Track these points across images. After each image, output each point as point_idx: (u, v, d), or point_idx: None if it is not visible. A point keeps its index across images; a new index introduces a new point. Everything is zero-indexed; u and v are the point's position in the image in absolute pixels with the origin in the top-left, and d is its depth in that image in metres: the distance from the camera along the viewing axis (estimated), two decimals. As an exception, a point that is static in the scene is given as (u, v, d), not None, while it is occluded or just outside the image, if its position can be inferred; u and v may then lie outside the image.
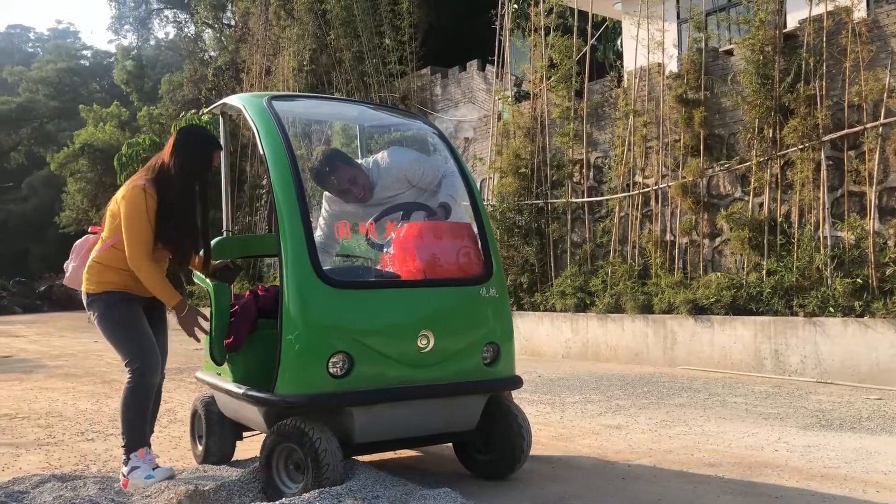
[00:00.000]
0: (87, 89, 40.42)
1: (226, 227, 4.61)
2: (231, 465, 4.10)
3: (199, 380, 4.23)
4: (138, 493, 3.34)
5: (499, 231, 11.07)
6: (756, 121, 8.61)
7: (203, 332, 3.80)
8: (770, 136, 8.52)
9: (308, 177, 4.04)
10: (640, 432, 5.08)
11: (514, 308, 10.57)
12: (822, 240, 7.96)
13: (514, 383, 3.83)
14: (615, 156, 10.42)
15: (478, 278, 3.73)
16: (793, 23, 8.88)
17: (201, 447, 4.24)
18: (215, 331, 3.89)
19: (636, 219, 9.99)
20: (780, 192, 8.53)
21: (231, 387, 3.73)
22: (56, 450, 4.81)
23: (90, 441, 5.08)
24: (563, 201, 10.95)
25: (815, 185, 8.15)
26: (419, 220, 3.89)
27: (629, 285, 9.45)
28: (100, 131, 26.34)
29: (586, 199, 10.77)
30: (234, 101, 4.15)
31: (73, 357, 11.42)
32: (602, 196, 10.62)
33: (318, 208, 4.22)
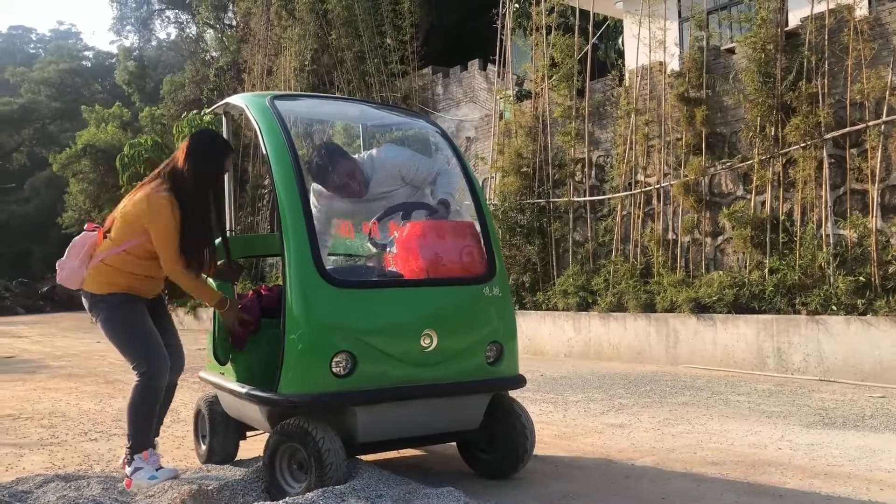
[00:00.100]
0: (88, 90, 40.51)
1: (228, 227, 4.61)
2: (234, 464, 4.11)
3: (203, 379, 4.23)
4: (142, 493, 3.35)
5: (501, 230, 11.07)
6: (758, 119, 8.60)
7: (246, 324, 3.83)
8: (772, 134, 8.51)
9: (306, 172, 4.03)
10: (643, 431, 5.08)
11: (517, 307, 10.57)
12: (824, 238, 7.96)
13: (518, 382, 3.83)
14: (617, 154, 10.42)
15: (481, 277, 3.73)
16: (794, 21, 8.88)
17: (205, 447, 4.24)
18: (218, 331, 3.89)
19: (638, 217, 9.98)
20: (782, 190, 8.52)
21: (234, 386, 3.74)
22: (59, 450, 4.82)
23: (93, 441, 5.09)
24: (565, 200, 10.94)
25: (817, 184, 8.14)
26: (421, 219, 3.89)
27: (631, 284, 9.45)
28: (102, 132, 26.37)
29: (588, 198, 10.77)
30: (236, 100, 4.16)
31: (75, 357, 11.44)
32: (604, 195, 10.61)
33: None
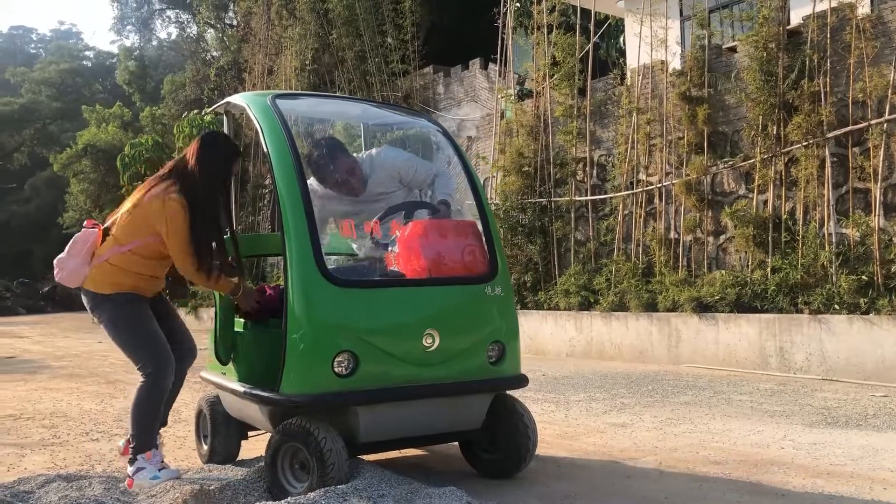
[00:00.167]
0: (89, 90, 40.55)
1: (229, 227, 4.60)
2: (236, 464, 4.11)
3: (204, 379, 4.22)
4: (143, 493, 3.34)
5: (502, 230, 11.06)
6: (760, 118, 8.59)
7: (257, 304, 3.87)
8: (774, 133, 8.50)
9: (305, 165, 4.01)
10: (645, 430, 5.07)
11: (518, 307, 10.56)
12: (826, 237, 7.94)
13: (520, 382, 3.82)
14: (619, 154, 10.41)
15: (483, 277, 3.72)
16: (796, 19, 8.86)
17: (206, 447, 4.23)
18: (219, 330, 3.88)
19: (640, 217, 9.97)
20: (784, 189, 8.50)
21: (236, 386, 3.73)
22: (61, 450, 4.81)
23: (95, 441, 5.08)
24: (567, 199, 10.93)
25: (819, 182, 8.13)
26: (423, 218, 3.88)
27: (633, 283, 9.44)
28: (102, 132, 26.40)
29: (590, 198, 10.75)
30: (237, 99, 4.15)
31: (77, 357, 11.43)
32: (606, 194, 10.60)
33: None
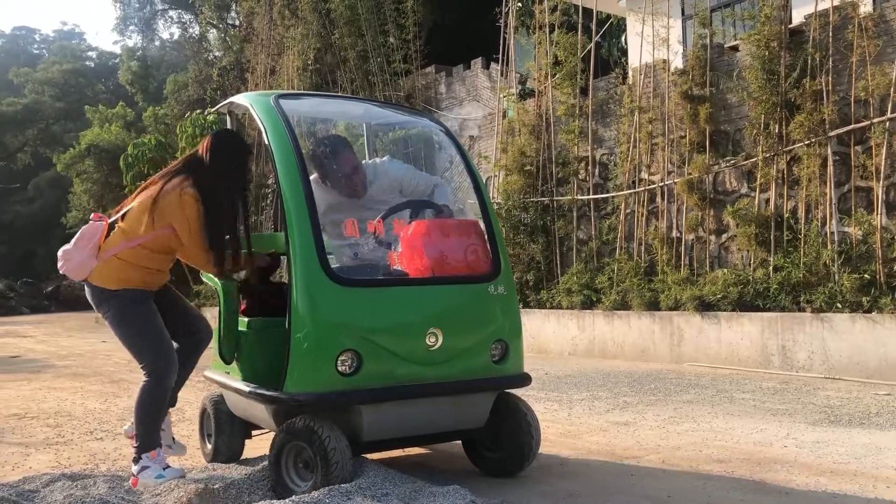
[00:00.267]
0: (92, 90, 40.64)
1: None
2: (240, 463, 4.12)
3: (208, 378, 4.23)
4: (148, 492, 3.35)
5: (505, 229, 11.07)
6: (762, 116, 8.58)
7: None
8: (776, 131, 8.50)
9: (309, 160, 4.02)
10: (648, 429, 5.07)
11: (521, 306, 10.55)
12: (829, 235, 7.94)
13: (523, 381, 3.83)
14: (620, 153, 10.41)
15: (486, 276, 3.72)
16: (798, 18, 8.86)
17: (210, 446, 4.25)
18: (223, 330, 3.89)
19: (642, 215, 9.97)
20: (786, 187, 8.50)
21: (240, 385, 3.74)
22: (65, 449, 4.83)
23: (99, 440, 5.10)
24: (569, 199, 10.93)
25: (821, 181, 8.13)
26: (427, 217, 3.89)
27: (635, 282, 9.44)
28: (105, 132, 26.44)
29: (592, 197, 10.76)
30: (240, 99, 4.15)
31: (80, 357, 11.46)
32: (608, 193, 10.60)
33: None
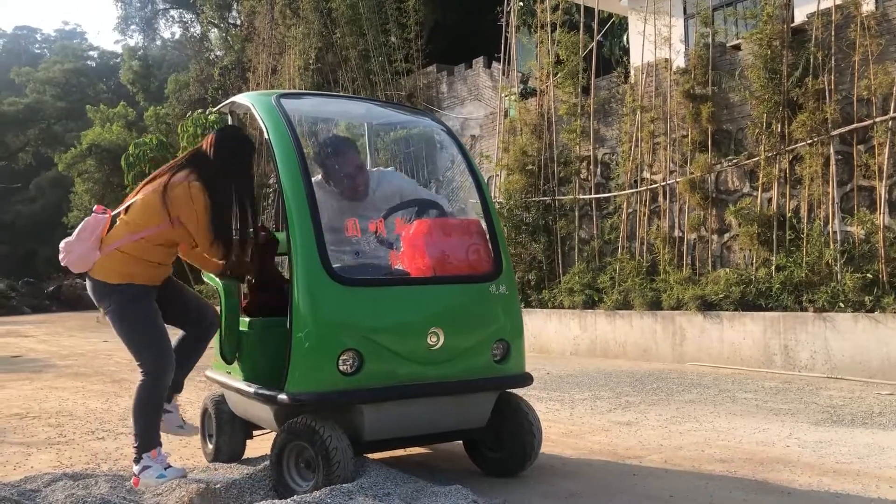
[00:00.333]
0: (93, 90, 40.67)
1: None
2: (241, 463, 4.11)
3: (210, 378, 4.23)
4: (150, 492, 3.34)
5: (506, 228, 11.06)
6: (764, 116, 8.57)
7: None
8: (778, 130, 8.48)
9: (312, 157, 3.99)
10: (650, 429, 5.06)
11: (522, 305, 10.54)
12: (831, 235, 7.92)
13: (525, 380, 3.82)
14: (622, 152, 10.39)
15: (487, 275, 3.72)
16: (801, 17, 8.84)
17: (212, 446, 4.24)
18: (224, 329, 3.89)
19: (644, 215, 9.96)
20: (788, 187, 8.49)
21: (241, 385, 3.73)
22: (67, 449, 4.82)
23: (101, 440, 5.09)
24: (571, 198, 10.92)
25: (824, 180, 8.11)
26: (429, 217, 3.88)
27: (637, 282, 9.43)
28: (107, 131, 26.47)
29: (594, 196, 10.75)
30: (242, 99, 4.15)
31: (82, 357, 11.46)
32: (610, 192, 10.59)
33: None
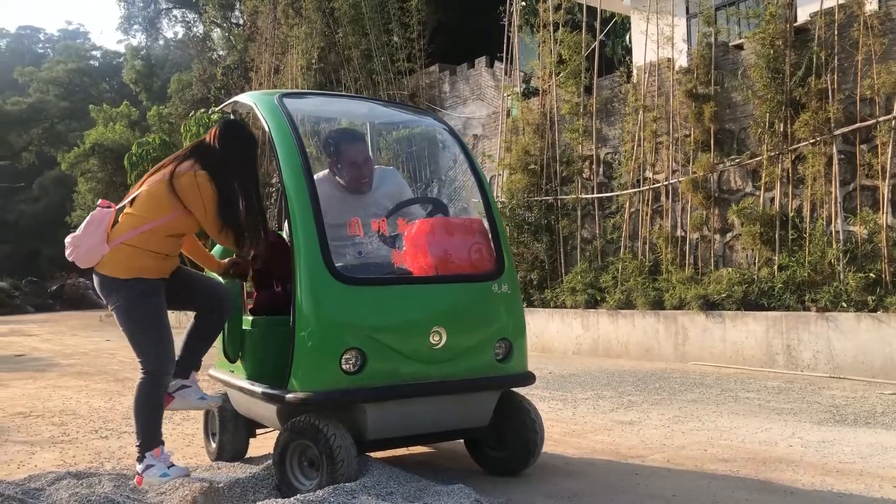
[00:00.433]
0: (96, 89, 40.73)
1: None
2: (245, 462, 4.13)
3: (212, 377, 4.24)
4: (153, 491, 3.35)
5: (509, 228, 11.06)
6: (767, 115, 8.56)
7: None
8: (781, 130, 8.47)
9: (319, 145, 3.99)
10: (652, 428, 5.07)
11: (525, 305, 10.56)
12: (834, 234, 7.92)
13: (527, 379, 3.82)
14: (625, 151, 10.39)
15: (489, 274, 3.72)
16: (803, 16, 8.83)
17: (215, 444, 4.25)
18: (227, 328, 3.90)
19: (646, 214, 9.96)
20: (791, 186, 8.48)
21: (244, 384, 3.74)
22: (70, 447, 4.84)
23: (104, 439, 5.10)
24: (573, 197, 10.92)
25: (826, 180, 8.10)
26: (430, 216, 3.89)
27: (640, 281, 9.43)
28: (110, 131, 26.49)
29: (596, 195, 10.74)
30: (245, 98, 4.15)
31: (85, 355, 11.48)
32: (612, 192, 10.59)
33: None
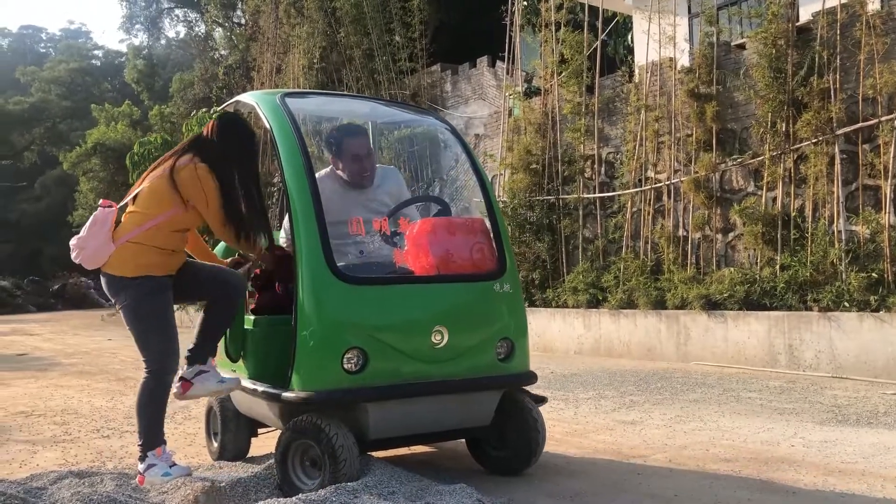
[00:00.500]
0: (98, 89, 40.75)
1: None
2: (246, 461, 4.12)
3: (214, 376, 4.23)
4: (155, 490, 3.35)
5: (510, 227, 11.05)
6: (769, 115, 8.55)
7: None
8: (783, 130, 8.47)
9: (321, 144, 3.99)
10: (654, 428, 5.06)
11: (527, 304, 10.55)
12: (836, 234, 7.91)
13: (529, 379, 3.82)
14: (627, 151, 10.38)
15: (491, 274, 3.72)
16: (806, 16, 8.82)
17: (216, 444, 4.25)
18: (229, 328, 3.89)
19: (648, 214, 9.95)
20: (793, 186, 8.47)
21: (246, 383, 3.74)
22: (72, 447, 4.84)
23: (106, 438, 5.11)
24: (575, 197, 10.92)
25: (829, 179, 8.09)
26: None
27: (642, 281, 9.42)
28: (112, 130, 26.49)
29: (598, 195, 10.74)
30: (247, 98, 4.16)
31: (87, 355, 11.49)
32: (614, 191, 10.58)
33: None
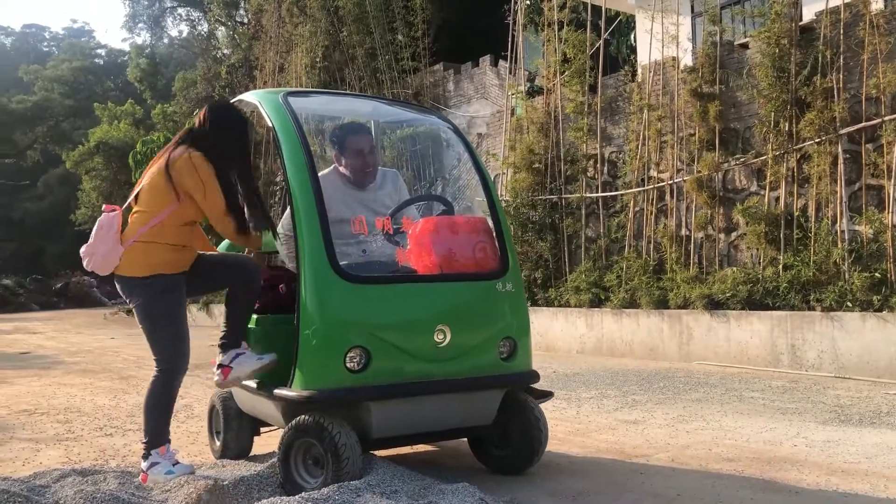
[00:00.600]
0: (101, 88, 40.83)
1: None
2: (249, 460, 4.12)
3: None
4: (158, 488, 3.36)
5: (513, 226, 11.05)
6: (772, 114, 8.54)
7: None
8: (786, 129, 8.46)
9: (323, 142, 4.00)
10: (657, 427, 5.06)
11: (529, 303, 10.52)
12: (839, 234, 7.90)
13: (531, 378, 3.82)
14: (629, 150, 10.38)
15: (494, 273, 3.72)
16: (809, 15, 8.81)
17: (219, 442, 4.26)
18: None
19: (651, 213, 9.94)
20: (796, 186, 8.46)
21: (249, 382, 3.75)
22: (75, 445, 4.85)
23: (109, 436, 5.11)
24: (577, 196, 10.91)
25: (832, 179, 8.09)
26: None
27: (644, 280, 9.41)
28: (114, 129, 26.50)
29: (600, 194, 10.73)
30: (249, 97, 4.15)
31: (90, 353, 11.51)
32: (616, 191, 10.58)
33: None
